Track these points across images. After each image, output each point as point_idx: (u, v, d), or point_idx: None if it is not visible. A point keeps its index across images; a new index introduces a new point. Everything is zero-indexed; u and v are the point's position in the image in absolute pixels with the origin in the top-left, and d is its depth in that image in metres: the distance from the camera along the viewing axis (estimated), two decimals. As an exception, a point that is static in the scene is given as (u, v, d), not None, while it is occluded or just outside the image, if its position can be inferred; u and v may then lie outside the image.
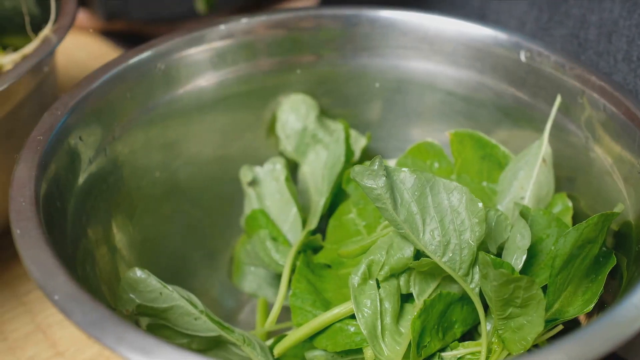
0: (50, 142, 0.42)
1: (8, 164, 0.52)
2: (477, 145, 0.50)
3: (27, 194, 0.38)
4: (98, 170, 0.46)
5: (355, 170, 0.41)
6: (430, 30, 0.53)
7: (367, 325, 0.41)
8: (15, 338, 0.53)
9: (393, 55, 0.55)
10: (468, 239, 0.41)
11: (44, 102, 0.55)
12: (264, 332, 0.49)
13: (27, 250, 0.35)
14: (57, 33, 0.53)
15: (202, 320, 0.43)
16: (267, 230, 0.50)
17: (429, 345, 0.42)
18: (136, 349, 0.31)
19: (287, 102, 0.54)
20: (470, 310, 0.43)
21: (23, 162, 0.40)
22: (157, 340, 0.31)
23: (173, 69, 0.51)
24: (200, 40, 0.51)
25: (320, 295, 0.45)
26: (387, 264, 0.42)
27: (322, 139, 0.53)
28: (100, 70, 0.48)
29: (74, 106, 0.45)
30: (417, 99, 0.55)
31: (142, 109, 0.50)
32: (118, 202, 0.48)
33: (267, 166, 0.54)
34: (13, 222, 0.37)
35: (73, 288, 0.33)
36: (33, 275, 0.34)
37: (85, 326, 0.31)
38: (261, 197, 0.53)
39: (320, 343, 0.43)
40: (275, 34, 0.52)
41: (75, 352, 0.52)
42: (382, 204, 0.40)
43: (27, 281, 0.57)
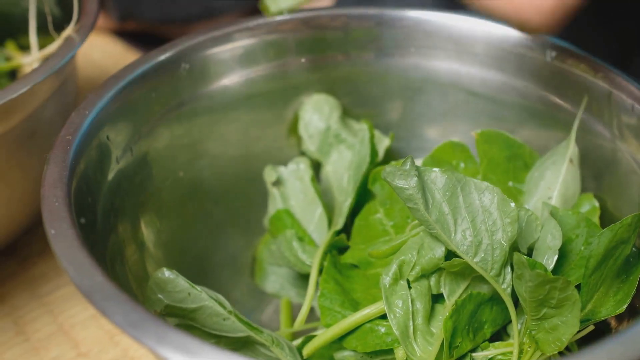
0: (79, 142, 0.42)
1: (31, 163, 0.52)
2: (503, 145, 0.50)
3: (60, 193, 0.38)
4: (125, 169, 0.46)
5: (387, 170, 0.41)
6: (455, 30, 0.53)
7: (400, 326, 0.41)
8: (38, 338, 0.53)
9: (417, 55, 0.54)
10: (500, 239, 0.40)
11: (65, 102, 0.55)
12: (289, 333, 0.49)
13: (64, 251, 0.35)
14: (79, 33, 0.53)
15: (230, 320, 0.43)
16: (294, 230, 0.49)
17: (460, 345, 0.41)
18: (177, 349, 0.30)
19: (310, 102, 0.54)
20: (499, 311, 0.43)
21: (53, 162, 0.40)
22: (198, 340, 0.31)
23: (198, 68, 0.51)
24: (227, 38, 0.51)
25: (349, 296, 0.45)
26: (418, 264, 0.42)
27: (345, 139, 0.53)
28: (125, 70, 0.48)
29: (101, 106, 0.45)
30: (441, 99, 0.55)
31: (167, 108, 0.50)
32: (144, 202, 0.48)
33: (291, 166, 0.54)
34: (47, 222, 0.36)
35: (111, 288, 0.33)
36: (70, 275, 0.34)
37: (126, 327, 0.31)
38: (285, 197, 0.53)
39: (350, 344, 0.43)
40: (304, 33, 0.52)
41: (98, 352, 0.51)
42: (414, 205, 0.40)
43: (47, 281, 0.57)
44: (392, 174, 0.40)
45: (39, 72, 0.48)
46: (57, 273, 0.58)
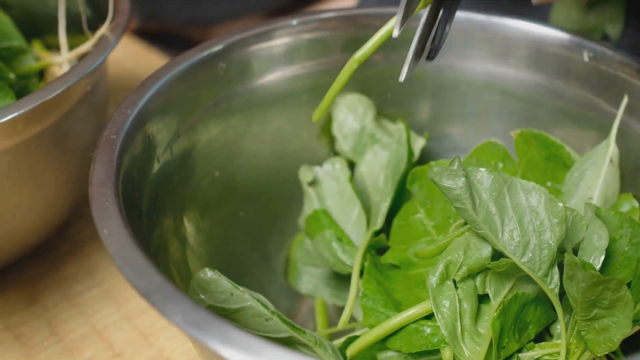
0: (122, 141, 0.42)
1: (65, 163, 0.52)
2: (542, 146, 0.50)
3: (109, 193, 0.38)
4: (165, 169, 0.46)
5: (434, 170, 0.40)
6: (491, 30, 0.53)
7: (447, 326, 0.41)
8: (71, 339, 0.52)
9: (452, 55, 0.54)
10: (548, 240, 0.40)
11: (97, 102, 0.55)
12: (326, 334, 0.49)
13: (118, 251, 0.34)
14: (113, 32, 0.52)
15: (273, 321, 0.43)
16: (332, 231, 0.49)
17: (507, 346, 0.41)
18: (241, 349, 0.30)
19: (344, 102, 0.54)
20: (543, 311, 0.43)
21: (99, 162, 0.40)
22: (262, 340, 0.30)
23: (235, 67, 0.51)
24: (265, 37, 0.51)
25: (391, 296, 0.45)
26: (464, 265, 0.42)
27: (380, 139, 0.53)
28: (164, 68, 0.47)
29: (142, 105, 0.45)
30: (475, 99, 0.55)
31: (205, 107, 0.49)
32: (182, 202, 0.48)
33: (326, 166, 0.54)
34: (98, 222, 0.36)
35: (170, 288, 0.33)
36: (126, 276, 0.33)
37: (187, 327, 0.31)
38: (322, 197, 0.52)
39: (394, 344, 0.43)
40: (347, 32, 0.52)
41: (133, 353, 0.51)
42: (462, 205, 0.40)
43: (78, 282, 0.57)
44: (440, 174, 0.40)
45: (76, 71, 0.48)
46: (88, 274, 0.57)
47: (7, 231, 0.52)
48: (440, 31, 0.45)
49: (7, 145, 0.47)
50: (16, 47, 0.56)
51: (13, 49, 0.56)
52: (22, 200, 0.51)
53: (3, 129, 0.45)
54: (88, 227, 0.62)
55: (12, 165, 0.48)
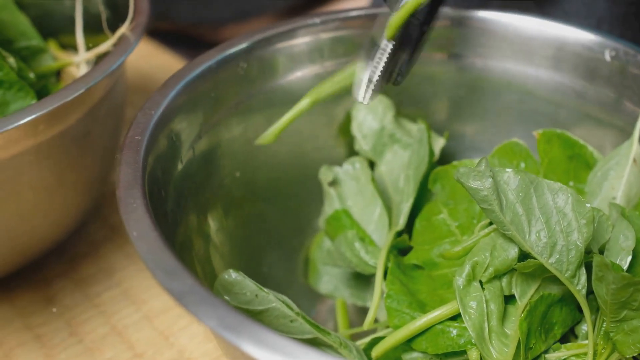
0: (147, 142, 0.42)
1: (85, 163, 0.52)
2: (564, 145, 0.50)
3: (136, 194, 0.38)
4: (188, 169, 0.46)
5: (461, 171, 0.40)
6: (510, 28, 0.53)
7: (475, 328, 0.41)
8: (91, 340, 0.52)
9: (471, 54, 0.54)
10: (575, 240, 0.40)
11: (116, 102, 0.55)
12: (347, 334, 0.49)
13: (149, 254, 0.34)
14: (133, 32, 0.52)
15: (298, 322, 0.43)
16: (355, 231, 0.49)
17: (534, 347, 0.41)
18: (277, 351, 0.30)
19: (363, 102, 0.54)
20: (568, 312, 0.43)
21: (125, 163, 0.40)
22: (297, 343, 0.30)
23: (255, 67, 0.50)
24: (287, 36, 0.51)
25: (415, 297, 0.45)
26: (491, 265, 0.41)
27: (400, 139, 0.53)
28: (186, 68, 0.47)
29: (165, 105, 0.44)
30: (494, 98, 0.55)
31: (226, 107, 0.49)
32: (204, 203, 0.48)
33: (346, 166, 0.53)
34: (128, 224, 0.36)
35: (202, 291, 0.33)
36: (158, 279, 0.33)
37: (222, 330, 0.31)
38: (342, 197, 0.52)
39: (420, 345, 0.43)
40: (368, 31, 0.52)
41: (154, 354, 0.51)
42: (489, 206, 0.40)
43: (96, 282, 0.57)
44: (467, 175, 0.40)
45: (98, 71, 0.48)
46: (106, 274, 0.57)
47: (26, 231, 0.52)
48: (406, 58, 0.46)
49: (28, 145, 0.47)
50: (35, 47, 0.56)
51: (32, 48, 0.56)
52: (41, 200, 0.51)
53: (26, 128, 0.45)
54: (104, 227, 0.62)
55: (33, 165, 0.48)
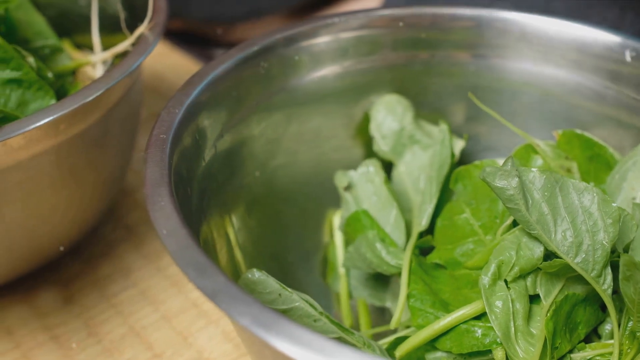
0: (172, 140, 0.42)
1: (104, 163, 0.52)
2: (584, 146, 0.50)
3: (164, 192, 0.38)
4: (210, 167, 0.46)
5: (487, 171, 0.40)
6: (530, 29, 0.53)
7: (501, 327, 0.41)
8: (110, 340, 0.52)
9: (490, 54, 0.54)
10: (602, 240, 0.40)
11: (134, 101, 0.55)
12: (369, 334, 0.49)
13: (179, 252, 0.34)
14: (152, 31, 0.52)
15: (322, 322, 0.42)
16: (375, 231, 0.49)
17: (560, 346, 0.41)
18: (313, 350, 0.30)
19: (382, 102, 0.54)
20: (592, 311, 0.43)
21: (151, 161, 0.40)
22: (334, 341, 0.30)
23: (276, 66, 0.50)
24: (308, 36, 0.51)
25: (438, 297, 0.45)
26: (517, 265, 0.41)
27: (420, 140, 0.53)
28: (209, 67, 0.47)
29: (189, 103, 0.44)
30: (512, 98, 0.55)
31: (247, 106, 0.49)
32: (227, 201, 0.47)
33: (360, 169, 0.53)
34: (157, 223, 0.36)
35: (235, 289, 0.32)
36: (189, 276, 0.33)
37: (257, 329, 0.31)
38: (358, 201, 0.52)
39: (444, 345, 0.42)
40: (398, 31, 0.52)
41: (172, 354, 0.51)
42: (515, 205, 0.40)
43: (113, 282, 0.57)
44: (493, 174, 0.40)
45: (119, 70, 0.48)
46: (123, 274, 0.57)
47: (46, 231, 0.51)
48: None
49: (49, 144, 0.46)
50: (52, 46, 0.56)
51: (49, 47, 0.56)
52: (60, 200, 0.51)
53: (47, 128, 0.45)
54: (119, 228, 0.61)
55: (53, 164, 0.48)
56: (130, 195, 0.64)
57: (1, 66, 0.48)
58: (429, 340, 0.43)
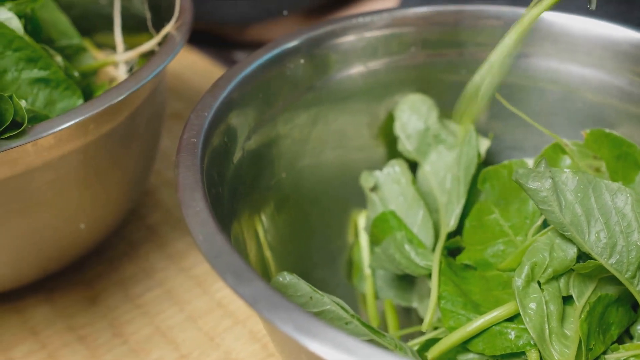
0: (202, 144, 0.41)
1: (129, 164, 0.51)
2: (612, 144, 0.49)
3: (198, 197, 0.37)
4: (238, 170, 0.46)
5: (520, 172, 0.40)
6: (555, 27, 0.53)
7: (536, 329, 0.40)
8: (136, 341, 0.52)
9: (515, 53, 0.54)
10: (636, 241, 0.40)
11: (159, 102, 0.55)
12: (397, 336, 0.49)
13: (217, 258, 0.34)
14: (178, 31, 0.52)
15: (353, 324, 0.42)
16: (403, 232, 0.49)
17: (594, 347, 0.41)
18: (359, 357, 0.30)
19: (406, 102, 0.54)
20: (624, 312, 0.43)
21: (183, 165, 0.39)
22: (380, 349, 0.30)
23: (302, 67, 0.50)
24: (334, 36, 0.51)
25: (468, 298, 0.45)
26: (550, 266, 0.41)
27: (445, 140, 0.53)
28: (236, 69, 0.47)
29: (217, 107, 0.44)
30: (537, 97, 0.55)
31: (273, 108, 0.49)
32: (255, 203, 0.47)
33: (386, 170, 0.53)
34: (193, 228, 0.35)
35: (275, 295, 0.32)
36: (228, 283, 0.33)
37: (299, 335, 0.31)
38: (385, 202, 0.52)
39: (476, 347, 0.42)
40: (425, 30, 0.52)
41: (200, 354, 0.51)
42: (548, 207, 0.40)
43: (137, 283, 0.57)
44: (526, 176, 0.40)
45: (147, 70, 0.47)
46: (147, 274, 0.57)
47: (71, 231, 0.51)
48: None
49: (78, 144, 0.46)
50: (76, 46, 0.56)
51: (73, 47, 0.55)
52: (86, 200, 0.51)
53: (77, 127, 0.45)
54: (142, 228, 0.61)
55: (81, 164, 0.48)
56: (152, 195, 0.64)
57: (29, 65, 0.48)
58: (461, 342, 0.43)
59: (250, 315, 0.53)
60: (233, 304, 0.54)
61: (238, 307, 0.54)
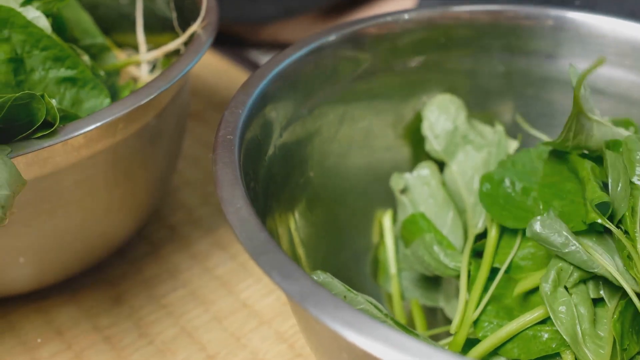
0: (238, 141, 0.41)
1: (155, 163, 0.51)
2: (643, 145, 0.49)
3: (238, 194, 0.37)
4: (270, 168, 0.45)
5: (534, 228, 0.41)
6: (583, 28, 0.53)
7: (568, 332, 0.40)
8: (162, 341, 0.52)
9: (541, 53, 0.54)
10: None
11: (184, 101, 0.54)
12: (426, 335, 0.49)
13: (262, 256, 0.34)
14: (205, 30, 0.52)
15: (387, 323, 0.42)
16: (433, 234, 0.49)
17: (629, 348, 0.41)
18: (411, 354, 0.30)
19: (435, 102, 0.54)
20: (655, 313, 0.43)
21: (222, 163, 0.39)
22: (430, 345, 0.30)
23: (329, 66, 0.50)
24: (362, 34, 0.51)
25: (500, 302, 0.44)
26: (576, 271, 0.41)
27: (473, 140, 0.53)
28: (266, 66, 0.47)
29: (250, 104, 0.44)
30: (564, 97, 0.55)
31: (303, 106, 0.49)
32: (284, 202, 0.47)
33: (415, 172, 0.53)
34: (236, 226, 0.35)
35: (322, 291, 0.32)
36: (276, 281, 0.33)
37: (352, 332, 0.30)
38: (414, 204, 0.52)
39: (511, 353, 0.42)
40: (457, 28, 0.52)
41: (226, 355, 0.51)
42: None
43: (161, 283, 0.56)
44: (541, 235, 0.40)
45: (177, 68, 0.47)
46: (170, 275, 0.57)
47: (99, 232, 0.51)
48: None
49: (107, 144, 0.46)
50: (100, 45, 0.55)
51: (97, 46, 0.55)
52: (114, 200, 0.50)
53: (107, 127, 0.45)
54: (163, 228, 0.61)
55: (109, 164, 0.48)
56: (172, 195, 0.64)
57: (56, 64, 0.48)
58: (493, 348, 0.43)
59: (276, 316, 0.53)
60: (258, 304, 0.54)
61: (263, 307, 0.54)
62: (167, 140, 0.53)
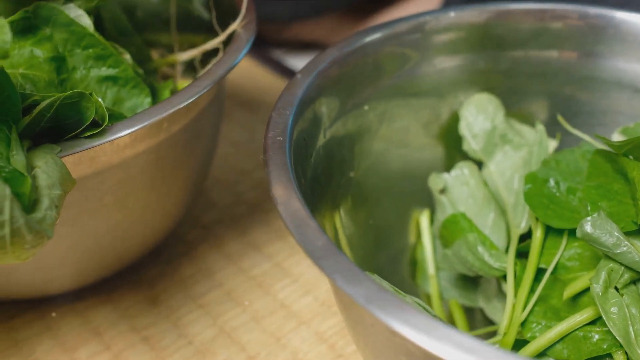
0: (288, 142, 0.41)
1: (193, 164, 0.51)
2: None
3: (293, 196, 0.37)
4: (315, 170, 0.45)
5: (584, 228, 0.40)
6: (623, 27, 0.52)
7: (621, 332, 0.40)
8: (201, 342, 0.51)
9: (580, 51, 0.54)
10: None
11: (221, 99, 0.54)
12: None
13: (325, 260, 0.33)
14: (245, 29, 0.51)
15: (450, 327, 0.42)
16: (476, 234, 0.48)
17: (681, 349, 0.41)
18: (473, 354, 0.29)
19: (472, 102, 0.53)
20: None
21: (273, 164, 0.39)
22: (485, 344, 0.30)
23: (370, 66, 0.50)
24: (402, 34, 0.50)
25: (547, 303, 0.44)
26: (627, 271, 0.41)
27: (512, 140, 0.52)
28: (308, 67, 0.47)
29: (296, 105, 0.44)
30: (602, 96, 0.54)
31: (345, 106, 0.49)
32: (327, 203, 0.47)
33: (455, 172, 0.53)
34: (295, 230, 0.35)
35: (387, 295, 0.32)
36: (339, 284, 0.32)
37: (415, 333, 0.30)
38: (454, 204, 0.52)
39: (560, 354, 0.42)
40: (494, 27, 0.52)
41: (267, 355, 0.50)
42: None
43: (197, 283, 0.56)
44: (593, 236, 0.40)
45: (221, 68, 0.47)
46: (206, 275, 0.56)
47: (136, 232, 0.51)
48: None
49: (151, 143, 0.46)
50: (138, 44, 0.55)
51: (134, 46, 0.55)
52: (152, 199, 0.50)
53: (152, 126, 0.44)
54: (196, 228, 0.61)
55: (151, 164, 0.47)
56: (205, 195, 0.64)
57: (98, 63, 0.47)
58: (542, 349, 0.42)
59: (315, 316, 0.53)
60: (296, 305, 0.54)
61: (301, 307, 0.54)
62: (205, 139, 0.53)
